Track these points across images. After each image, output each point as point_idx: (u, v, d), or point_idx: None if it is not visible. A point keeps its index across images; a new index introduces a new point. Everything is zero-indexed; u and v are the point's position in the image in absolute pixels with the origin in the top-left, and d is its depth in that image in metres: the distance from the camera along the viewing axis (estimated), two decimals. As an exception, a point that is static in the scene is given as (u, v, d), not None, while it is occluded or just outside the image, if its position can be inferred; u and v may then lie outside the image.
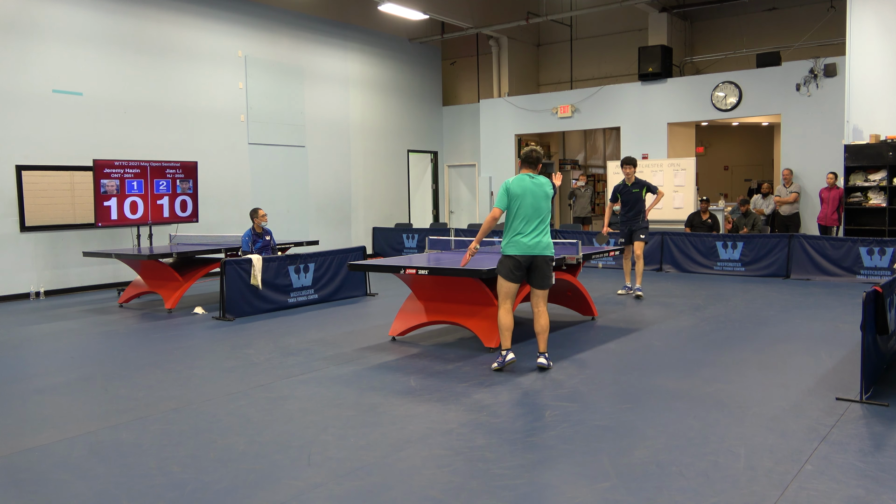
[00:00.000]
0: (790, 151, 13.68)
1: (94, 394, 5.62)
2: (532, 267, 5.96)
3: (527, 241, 5.88)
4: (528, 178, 6.00)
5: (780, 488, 3.60)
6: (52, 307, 10.01)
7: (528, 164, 6.10)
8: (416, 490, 3.69)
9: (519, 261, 5.90)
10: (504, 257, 5.97)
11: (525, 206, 5.91)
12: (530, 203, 5.91)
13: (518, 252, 5.88)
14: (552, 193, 6.07)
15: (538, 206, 5.94)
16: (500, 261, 6.01)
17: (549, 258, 5.98)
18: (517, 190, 5.93)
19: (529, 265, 5.94)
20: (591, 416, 4.77)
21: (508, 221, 5.98)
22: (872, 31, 11.88)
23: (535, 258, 5.91)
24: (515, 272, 5.92)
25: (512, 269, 5.91)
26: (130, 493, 3.71)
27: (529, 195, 5.92)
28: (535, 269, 5.96)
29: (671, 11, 15.87)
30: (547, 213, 5.99)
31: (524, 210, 5.91)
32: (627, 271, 9.97)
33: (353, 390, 5.52)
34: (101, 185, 10.62)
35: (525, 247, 5.87)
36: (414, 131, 17.72)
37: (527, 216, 5.91)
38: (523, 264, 5.92)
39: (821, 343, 6.80)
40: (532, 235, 5.89)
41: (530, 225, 5.91)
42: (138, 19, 11.98)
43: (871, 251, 10.75)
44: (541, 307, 6.06)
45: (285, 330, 7.99)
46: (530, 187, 5.95)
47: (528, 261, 5.91)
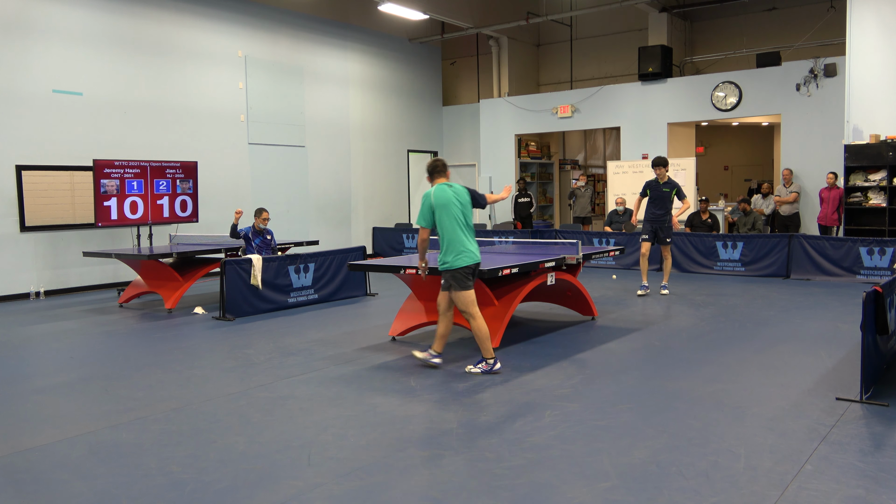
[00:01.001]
0: (790, 151, 13.68)
1: (94, 394, 5.62)
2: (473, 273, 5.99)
3: (474, 249, 5.93)
4: (448, 188, 5.94)
5: (780, 488, 3.60)
6: (52, 307, 10.01)
7: (438, 174, 6.06)
8: (416, 490, 3.69)
9: (474, 268, 5.93)
10: (457, 271, 5.84)
11: (456, 216, 5.87)
12: (459, 212, 5.89)
13: (472, 261, 5.89)
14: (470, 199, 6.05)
15: (466, 213, 5.95)
16: (455, 275, 5.84)
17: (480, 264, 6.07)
18: (441, 201, 5.86)
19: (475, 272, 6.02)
20: (591, 416, 4.77)
21: (444, 234, 5.87)
22: (872, 31, 11.88)
23: (477, 265, 5.97)
24: (471, 278, 5.93)
25: (468, 277, 5.90)
26: (130, 493, 3.71)
27: (454, 205, 5.87)
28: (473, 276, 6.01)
29: (671, 11, 15.86)
30: (469, 221, 5.99)
31: (457, 220, 5.87)
32: (645, 270, 9.94)
33: (353, 390, 5.52)
34: (101, 185, 10.62)
35: (474, 255, 5.90)
36: (414, 131, 17.72)
37: (462, 225, 5.88)
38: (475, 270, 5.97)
39: (821, 343, 6.80)
40: (473, 242, 5.95)
41: (467, 233, 5.91)
42: (138, 19, 11.98)
43: (871, 251, 10.75)
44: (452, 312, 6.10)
45: (285, 330, 7.99)
46: (452, 197, 5.90)
47: (474, 268, 5.94)
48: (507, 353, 6.59)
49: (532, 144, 18.09)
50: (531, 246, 8.91)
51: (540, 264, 6.99)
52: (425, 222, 5.89)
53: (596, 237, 13.15)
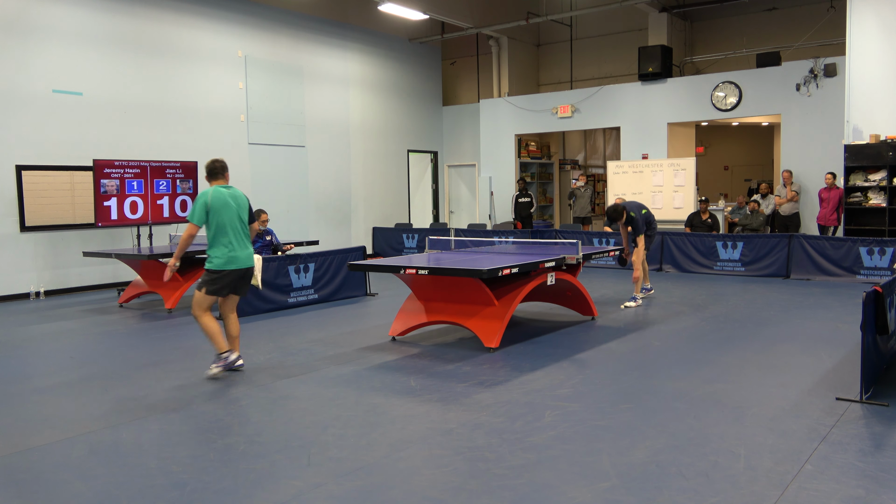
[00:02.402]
0: (790, 151, 13.68)
1: (94, 394, 5.62)
2: (243, 278, 6.00)
3: (241, 256, 5.91)
4: (225, 191, 5.91)
5: (780, 488, 3.60)
6: (52, 307, 10.01)
7: (215, 176, 5.97)
8: (416, 490, 3.69)
9: (237, 274, 5.91)
10: (220, 274, 5.84)
11: (231, 220, 5.85)
12: (235, 215, 5.86)
13: (238, 266, 5.89)
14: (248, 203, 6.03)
15: (243, 217, 5.94)
16: (214, 278, 5.85)
17: (252, 269, 6.09)
18: (216, 203, 5.81)
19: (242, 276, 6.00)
20: (591, 416, 4.77)
21: (214, 237, 5.85)
22: (872, 31, 11.88)
23: (246, 270, 5.99)
24: (229, 285, 5.92)
25: (227, 283, 5.89)
26: (130, 493, 3.71)
27: (230, 208, 5.84)
28: (244, 280, 6.03)
29: (671, 11, 15.86)
30: (246, 223, 5.98)
31: (231, 223, 5.85)
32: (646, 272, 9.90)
33: (353, 390, 5.52)
34: (101, 185, 10.62)
35: (241, 261, 5.91)
36: (414, 131, 17.72)
37: (234, 229, 5.86)
38: (238, 277, 5.95)
39: (821, 343, 6.80)
40: (243, 248, 5.93)
41: (239, 237, 5.88)
42: (138, 19, 11.98)
43: (871, 251, 10.75)
44: (235, 313, 6.12)
45: (285, 330, 7.99)
46: (228, 200, 5.86)
47: (241, 273, 5.95)
48: (507, 353, 6.59)
49: (532, 144, 18.09)
50: (531, 246, 8.91)
51: (540, 264, 6.99)
52: (198, 220, 5.83)
53: (596, 237, 13.15)
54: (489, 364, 6.22)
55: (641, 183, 14.88)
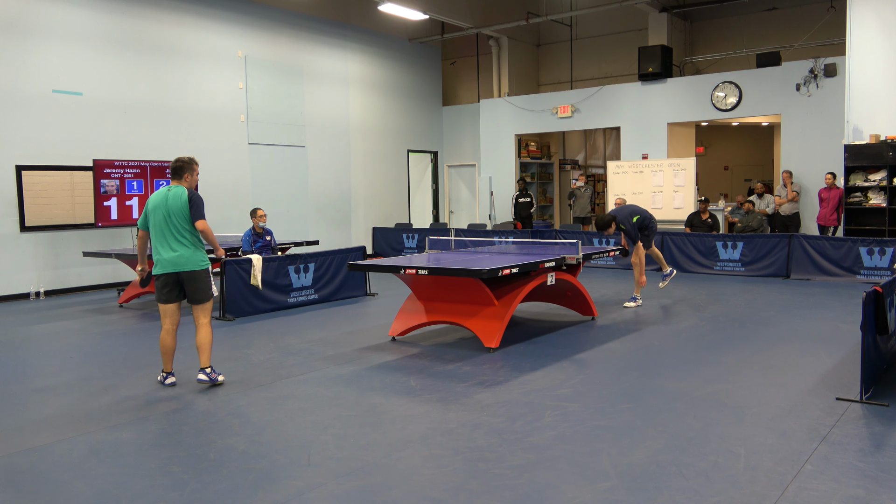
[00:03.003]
0: (790, 151, 13.68)
1: (94, 394, 5.62)
2: (183, 282, 5.66)
3: (163, 258, 5.59)
4: (166, 191, 5.66)
5: (780, 488, 3.60)
6: (52, 307, 10.01)
7: (173, 175, 5.74)
8: (416, 490, 3.69)
9: (166, 279, 5.62)
10: (154, 278, 5.71)
11: (157, 221, 5.61)
12: (162, 216, 5.58)
13: (163, 270, 5.60)
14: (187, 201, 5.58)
15: (169, 218, 5.56)
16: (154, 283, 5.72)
17: (194, 273, 5.63)
18: (150, 206, 5.67)
19: (181, 282, 5.65)
20: (591, 416, 4.77)
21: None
22: (872, 31, 11.88)
23: (178, 274, 5.61)
24: (163, 290, 5.64)
25: (160, 289, 5.65)
26: (130, 493, 3.71)
27: (158, 210, 5.60)
28: (186, 284, 5.66)
29: (671, 11, 15.86)
30: (182, 225, 5.57)
31: (156, 225, 5.61)
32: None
33: (353, 390, 5.52)
34: (101, 185, 10.63)
35: (167, 263, 5.59)
36: (414, 131, 17.72)
37: (160, 230, 5.60)
38: (171, 282, 5.63)
39: (821, 343, 6.80)
40: (167, 250, 5.59)
41: (165, 239, 5.59)
42: (138, 19, 11.98)
43: (871, 251, 10.75)
44: (199, 321, 5.73)
45: (285, 330, 7.99)
46: (160, 201, 5.62)
47: (173, 278, 5.62)
48: (507, 353, 6.59)
49: (532, 144, 18.09)
50: (531, 246, 8.91)
51: (540, 264, 6.99)
52: (140, 224, 5.77)
53: (596, 237, 13.14)
54: (489, 364, 6.22)
55: (641, 183, 14.88)
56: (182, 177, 5.72)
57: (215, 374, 5.75)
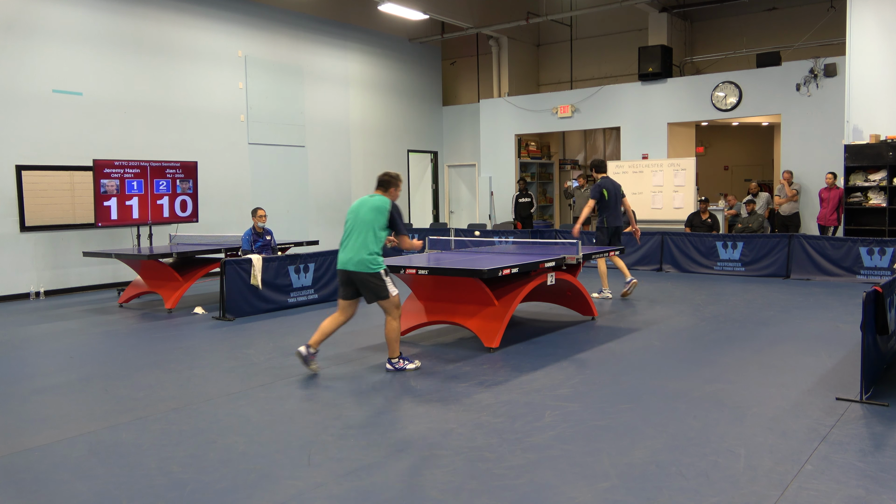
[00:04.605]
0: (790, 151, 13.68)
1: (94, 394, 5.62)
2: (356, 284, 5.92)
3: (343, 258, 5.92)
4: (368, 197, 6.01)
5: (780, 488, 3.60)
6: (52, 307, 10.01)
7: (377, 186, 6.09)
8: (416, 490, 3.69)
9: (341, 276, 5.96)
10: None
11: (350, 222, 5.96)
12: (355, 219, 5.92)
13: (340, 268, 5.96)
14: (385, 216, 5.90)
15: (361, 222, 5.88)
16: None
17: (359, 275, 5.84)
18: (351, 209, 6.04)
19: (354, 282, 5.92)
20: (591, 416, 4.77)
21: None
22: (872, 31, 11.88)
23: (350, 275, 5.89)
24: (340, 286, 6.01)
25: (339, 284, 6.03)
26: (130, 493, 3.71)
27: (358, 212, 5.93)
28: (360, 287, 5.92)
29: (671, 11, 15.86)
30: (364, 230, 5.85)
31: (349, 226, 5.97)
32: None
33: (353, 390, 5.52)
34: (101, 185, 10.62)
35: (344, 262, 5.91)
36: (414, 131, 17.72)
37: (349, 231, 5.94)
38: (345, 280, 5.95)
39: (821, 343, 6.80)
40: (348, 250, 5.89)
41: (348, 240, 5.92)
42: (138, 19, 11.98)
43: (871, 251, 10.74)
44: (386, 317, 6.01)
45: (285, 330, 7.99)
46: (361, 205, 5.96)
47: (347, 277, 5.92)
48: (507, 353, 6.59)
49: (532, 144, 18.09)
50: (531, 246, 8.90)
51: (540, 264, 6.99)
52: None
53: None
54: (489, 364, 6.22)
55: (641, 183, 14.88)
56: (387, 190, 6.02)
57: (403, 363, 6.06)
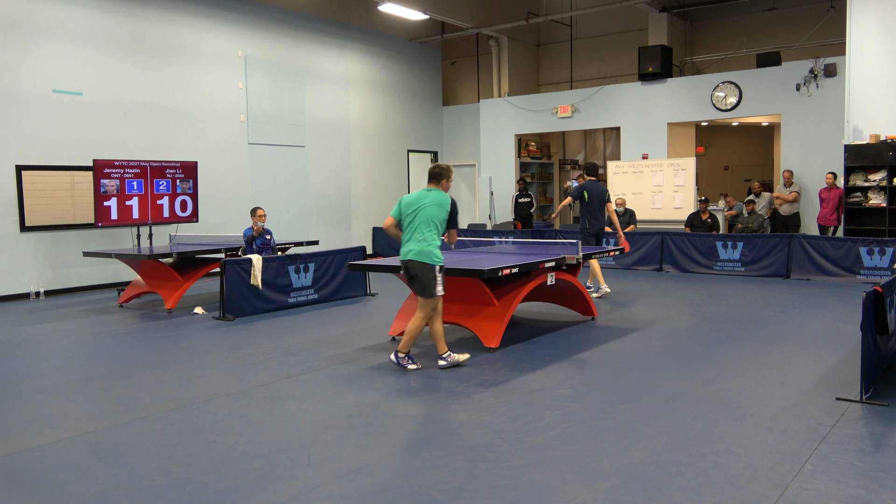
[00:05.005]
0: (790, 151, 13.68)
1: (94, 394, 5.62)
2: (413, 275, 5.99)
3: (404, 249, 6.01)
4: (425, 191, 6.08)
5: (780, 488, 3.60)
6: (52, 307, 10.01)
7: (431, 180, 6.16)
8: (416, 490, 3.69)
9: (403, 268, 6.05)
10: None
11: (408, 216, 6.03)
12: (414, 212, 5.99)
13: (402, 258, 6.05)
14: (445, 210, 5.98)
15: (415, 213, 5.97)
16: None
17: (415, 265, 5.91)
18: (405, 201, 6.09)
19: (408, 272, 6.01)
20: (591, 416, 4.77)
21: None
22: (872, 31, 11.88)
23: (409, 266, 5.97)
24: (409, 281, 6.08)
25: (407, 278, 6.10)
26: (130, 493, 3.71)
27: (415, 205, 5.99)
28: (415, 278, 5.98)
29: (671, 11, 15.86)
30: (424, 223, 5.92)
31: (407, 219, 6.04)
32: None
33: (353, 390, 5.52)
34: (101, 185, 10.62)
35: (405, 253, 6.01)
36: (414, 131, 17.72)
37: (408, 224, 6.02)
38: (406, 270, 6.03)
39: (821, 343, 6.80)
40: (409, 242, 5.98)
41: (407, 232, 6.01)
42: (138, 19, 11.98)
43: (871, 251, 10.74)
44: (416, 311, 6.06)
45: (285, 330, 7.99)
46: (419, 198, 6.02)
47: (406, 266, 6.00)
48: (507, 353, 6.59)
49: (532, 144, 18.09)
50: (531, 246, 8.90)
51: (540, 264, 6.99)
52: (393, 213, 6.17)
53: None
54: (489, 364, 6.22)
55: (641, 183, 14.89)
56: (440, 182, 6.11)
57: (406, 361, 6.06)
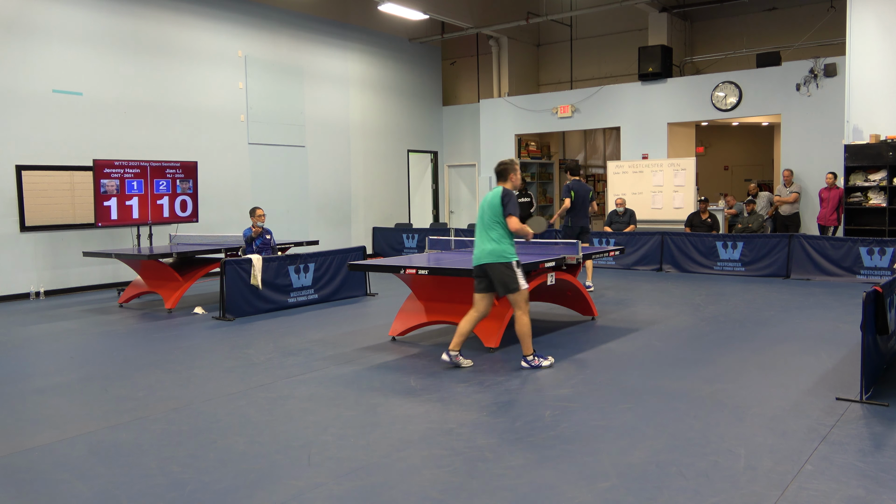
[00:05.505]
0: (790, 151, 13.68)
1: (94, 394, 5.62)
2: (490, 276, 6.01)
3: (476, 252, 6.06)
4: (490, 193, 6.09)
5: (780, 488, 3.60)
6: (52, 307, 10.01)
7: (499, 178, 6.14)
8: (416, 490, 3.69)
9: (476, 271, 6.07)
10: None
11: (478, 218, 6.12)
12: (481, 214, 6.10)
13: (474, 263, 6.08)
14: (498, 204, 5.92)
15: (484, 215, 6.02)
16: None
17: (491, 266, 5.94)
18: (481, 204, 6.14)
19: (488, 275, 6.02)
20: (591, 416, 4.77)
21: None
22: (872, 31, 11.88)
23: (484, 267, 6.00)
24: (475, 281, 6.10)
25: (474, 278, 6.12)
26: (130, 493, 3.71)
27: (482, 207, 6.08)
28: (492, 278, 6.00)
29: (671, 11, 15.86)
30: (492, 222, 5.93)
31: (477, 222, 6.12)
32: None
33: (353, 390, 5.52)
34: (101, 185, 10.62)
35: (476, 257, 6.05)
36: (414, 131, 17.72)
37: (478, 227, 6.09)
38: (480, 274, 6.05)
39: (821, 343, 6.80)
40: (480, 245, 6.02)
41: (479, 235, 6.06)
42: (138, 19, 11.98)
43: (871, 251, 10.74)
44: (514, 311, 6.08)
45: (285, 330, 7.99)
46: (484, 200, 6.06)
47: (482, 270, 6.03)
48: (507, 353, 6.59)
49: (532, 144, 18.08)
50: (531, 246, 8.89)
51: (540, 264, 6.99)
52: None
53: (596, 237, 13.14)
54: (489, 364, 6.22)
55: (641, 183, 14.89)
56: (506, 178, 6.06)
57: (538, 360, 6.03)
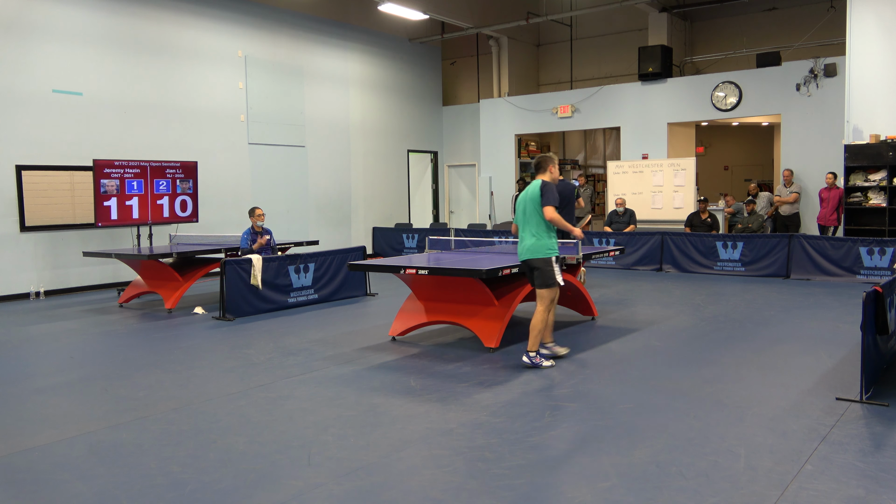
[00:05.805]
0: (790, 151, 13.68)
1: (94, 394, 5.62)
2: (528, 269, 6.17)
3: (520, 248, 6.18)
4: (529, 186, 6.16)
5: (780, 488, 3.60)
6: (52, 307, 10.01)
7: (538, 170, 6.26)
8: (416, 490, 3.69)
9: (523, 266, 6.24)
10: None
11: (519, 214, 6.20)
12: (521, 210, 6.15)
13: (519, 259, 6.24)
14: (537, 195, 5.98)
15: (525, 210, 6.10)
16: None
17: (532, 261, 6.04)
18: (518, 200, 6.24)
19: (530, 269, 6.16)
20: (592, 416, 4.77)
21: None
22: (872, 31, 11.88)
23: (528, 262, 6.12)
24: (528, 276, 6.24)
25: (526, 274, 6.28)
26: (130, 493, 3.71)
27: (522, 202, 6.15)
28: (533, 272, 6.12)
29: (671, 11, 15.86)
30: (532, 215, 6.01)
31: (518, 217, 6.21)
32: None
33: (353, 390, 5.52)
34: (101, 185, 10.62)
35: (520, 252, 6.18)
36: (414, 131, 17.72)
37: (520, 222, 6.18)
38: (527, 269, 6.20)
39: (821, 343, 6.80)
40: (523, 240, 6.12)
41: (522, 230, 6.15)
42: (138, 19, 11.98)
43: (871, 251, 10.74)
44: (537, 305, 6.15)
45: (285, 330, 7.99)
46: (524, 194, 6.16)
47: (524, 266, 6.21)
48: (507, 353, 6.59)
49: (532, 144, 18.09)
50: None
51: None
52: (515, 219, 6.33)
53: (596, 237, 13.15)
54: (489, 364, 6.22)
55: (641, 183, 14.88)
56: (545, 170, 6.14)
57: (539, 359, 6.03)
